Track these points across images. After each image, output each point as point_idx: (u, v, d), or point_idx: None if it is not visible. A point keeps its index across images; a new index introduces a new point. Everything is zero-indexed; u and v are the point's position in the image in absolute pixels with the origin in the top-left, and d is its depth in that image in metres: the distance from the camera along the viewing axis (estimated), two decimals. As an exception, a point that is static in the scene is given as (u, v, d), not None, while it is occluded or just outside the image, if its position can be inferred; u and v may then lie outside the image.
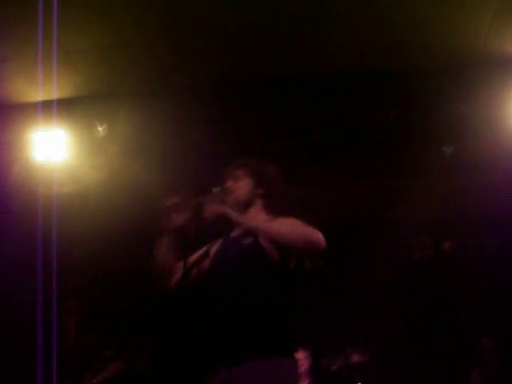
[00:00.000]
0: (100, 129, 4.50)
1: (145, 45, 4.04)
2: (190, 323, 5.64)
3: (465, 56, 4.13)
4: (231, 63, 4.19)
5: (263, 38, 3.98)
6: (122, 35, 3.94)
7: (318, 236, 2.32)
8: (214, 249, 2.68)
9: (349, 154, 4.70)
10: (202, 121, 4.53)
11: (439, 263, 6.44)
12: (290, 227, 2.35)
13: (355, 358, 5.10)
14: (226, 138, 4.47)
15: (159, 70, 4.28)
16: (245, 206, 2.60)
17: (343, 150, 4.62)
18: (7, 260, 5.47)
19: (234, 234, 2.60)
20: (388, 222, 6.39)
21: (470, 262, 6.30)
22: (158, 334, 6.55)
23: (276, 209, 2.56)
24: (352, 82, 4.31)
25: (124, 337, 6.04)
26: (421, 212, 6.12)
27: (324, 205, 6.01)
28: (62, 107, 4.49)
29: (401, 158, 4.85)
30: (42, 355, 4.38)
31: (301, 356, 5.34)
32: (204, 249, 2.71)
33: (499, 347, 5.48)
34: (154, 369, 6.14)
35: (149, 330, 6.60)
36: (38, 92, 4.32)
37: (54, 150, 4.61)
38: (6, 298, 5.52)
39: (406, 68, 4.21)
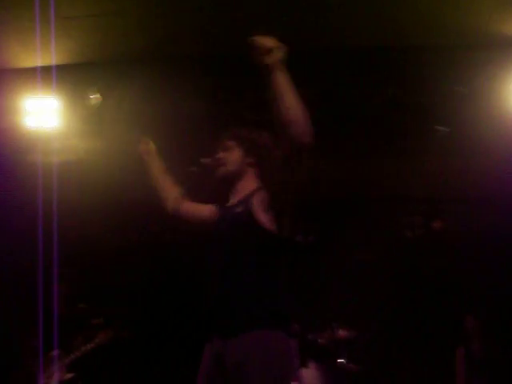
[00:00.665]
0: (94, 97, 4.47)
1: (140, 13, 4.00)
2: (183, 292, 5.72)
3: (466, 36, 4.09)
4: (228, 36, 4.15)
5: (259, 12, 3.93)
6: (117, 2, 3.90)
7: (309, 134, 2.20)
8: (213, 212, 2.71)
9: (343, 130, 4.70)
10: (196, 91, 4.51)
11: (429, 242, 6.48)
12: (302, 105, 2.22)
13: (341, 333, 5.15)
14: (220, 108, 4.46)
15: (154, 39, 4.23)
16: (236, 176, 2.60)
17: (338, 127, 4.62)
18: (7, 226, 5.50)
19: (229, 203, 2.61)
20: (380, 200, 6.42)
21: (458, 243, 6.34)
22: (149, 302, 6.61)
23: (268, 177, 2.52)
24: (348, 58, 4.28)
25: (114, 305, 6.08)
26: (413, 191, 6.16)
27: (315, 181, 6.02)
28: (57, 74, 4.45)
29: (396, 136, 4.86)
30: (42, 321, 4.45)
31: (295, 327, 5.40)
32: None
33: (483, 326, 5.55)
34: (144, 337, 6.21)
35: (140, 299, 6.66)
36: (35, 58, 4.28)
37: (48, 116, 4.59)
38: (9, 264, 5.58)
39: (405, 46, 4.18)
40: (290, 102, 2.19)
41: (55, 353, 4.54)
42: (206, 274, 2.46)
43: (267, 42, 2.22)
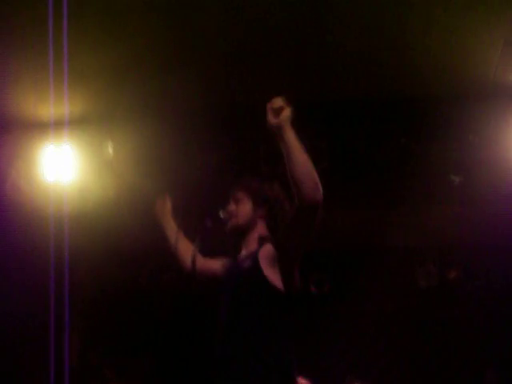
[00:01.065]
0: (109, 148, 4.52)
1: (155, 65, 4.07)
2: (188, 346, 5.64)
3: (475, 86, 4.14)
4: (241, 88, 4.22)
5: (273, 64, 4.01)
6: (132, 55, 3.97)
7: (319, 193, 2.21)
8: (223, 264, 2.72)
9: (356, 181, 4.69)
10: (210, 143, 4.55)
11: (444, 292, 6.39)
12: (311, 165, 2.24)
13: (357, 386, 5.04)
14: (233, 161, 4.49)
15: (168, 91, 4.30)
16: (246, 228, 2.59)
17: (350, 177, 4.62)
18: (19, 277, 5.50)
19: (241, 254, 2.60)
20: (394, 250, 6.37)
21: (475, 292, 6.25)
22: (158, 355, 6.53)
23: (278, 229, 2.53)
24: (361, 109, 4.33)
25: (124, 357, 6.02)
26: (427, 240, 6.11)
27: (329, 232, 6.00)
28: (71, 126, 4.52)
29: (408, 186, 4.84)
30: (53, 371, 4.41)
31: (303, 383, 5.29)
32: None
33: (503, 379, 5.41)
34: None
35: (148, 351, 6.58)
36: (49, 111, 4.34)
37: (63, 168, 4.64)
38: (20, 315, 5.56)
39: (416, 96, 4.23)
40: (298, 161, 2.21)
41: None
42: (214, 326, 2.45)
43: (276, 102, 2.27)
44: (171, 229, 2.94)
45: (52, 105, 4.29)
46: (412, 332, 6.79)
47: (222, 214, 2.59)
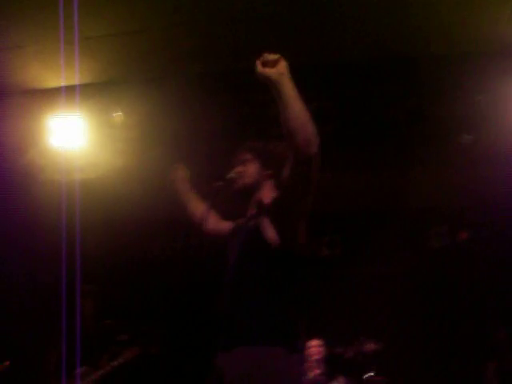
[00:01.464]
0: (117, 115, 4.52)
1: (162, 32, 4.03)
2: (197, 308, 5.72)
3: (483, 44, 4.06)
4: (246, 52, 4.17)
5: (279, 26, 3.95)
6: (140, 21, 3.94)
7: (314, 143, 2.23)
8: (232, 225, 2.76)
9: (366, 142, 4.67)
10: (218, 107, 4.53)
11: (456, 253, 6.40)
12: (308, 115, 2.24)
13: (369, 346, 5.10)
14: (241, 124, 4.48)
15: (175, 57, 4.27)
16: (253, 188, 2.61)
17: (360, 139, 4.60)
18: (31, 244, 5.58)
19: (248, 214, 2.61)
20: (405, 211, 6.37)
21: (486, 253, 6.26)
22: (171, 319, 6.63)
23: (285, 188, 2.50)
24: (369, 69, 4.27)
25: (139, 321, 6.11)
26: (439, 202, 6.10)
27: (339, 193, 6.01)
28: (80, 93, 4.52)
29: (418, 147, 4.82)
30: (66, 337, 4.48)
31: (315, 344, 5.37)
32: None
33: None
34: (167, 352, 6.22)
35: (162, 316, 6.68)
36: (59, 78, 4.34)
37: (72, 136, 4.65)
38: (33, 282, 5.65)
39: (425, 55, 4.15)
40: (296, 111, 2.20)
41: (80, 370, 4.56)
42: (220, 288, 2.47)
43: (270, 56, 2.27)
44: (184, 193, 3.00)
45: (62, 72, 4.30)
46: (423, 293, 6.84)
47: (230, 176, 2.61)
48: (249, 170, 2.62)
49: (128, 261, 6.55)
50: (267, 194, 2.57)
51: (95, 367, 4.59)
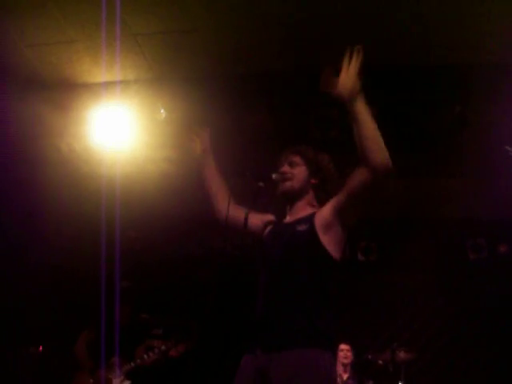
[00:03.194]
0: (161, 112, 4.56)
1: (210, 32, 4.07)
2: (236, 303, 5.74)
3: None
4: (291, 55, 4.19)
5: (319, 30, 3.94)
6: (189, 21, 3.98)
7: (388, 161, 2.26)
8: (267, 230, 2.70)
9: (409, 149, 4.61)
10: (260, 108, 4.54)
11: (493, 266, 6.29)
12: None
13: (401, 354, 5.05)
14: (282, 126, 4.48)
15: (223, 56, 4.30)
16: (298, 193, 2.61)
17: (404, 145, 4.53)
18: (72, 236, 5.68)
19: (287, 220, 2.61)
20: (445, 221, 6.29)
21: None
22: (206, 315, 6.65)
23: (326, 200, 2.55)
24: (417, 75, 4.23)
25: (174, 317, 6.15)
26: (479, 213, 6.00)
27: (377, 199, 5.97)
28: (125, 89, 4.58)
29: (462, 156, 4.74)
30: (105, 330, 4.56)
31: (344, 348, 5.34)
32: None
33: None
34: (201, 348, 6.24)
35: (197, 312, 6.71)
36: (108, 73, 4.41)
37: (115, 131, 4.71)
38: (72, 275, 5.75)
39: (474, 63, 4.09)
40: (368, 132, 2.25)
41: (115, 360, 4.62)
42: (258, 287, 2.47)
43: (353, 68, 2.29)
44: (209, 166, 2.86)
45: (105, 68, 4.36)
46: (458, 304, 6.74)
47: (274, 176, 2.59)
48: (298, 173, 2.61)
49: (165, 256, 6.60)
50: (310, 202, 2.61)
51: (131, 358, 4.66)
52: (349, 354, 5.31)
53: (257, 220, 2.71)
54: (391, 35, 3.97)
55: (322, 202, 2.57)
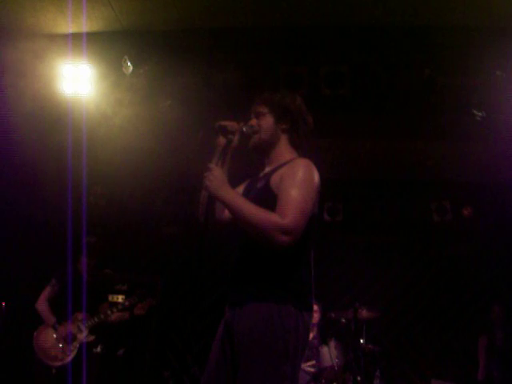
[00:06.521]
0: (128, 65, 4.46)
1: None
2: (201, 263, 5.75)
3: (507, 19, 3.97)
4: (263, 11, 4.11)
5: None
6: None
7: (277, 238, 2.15)
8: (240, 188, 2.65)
9: (376, 110, 4.61)
10: (228, 63, 4.47)
11: (457, 228, 6.40)
12: (257, 217, 2.17)
13: (364, 313, 5.13)
14: (251, 81, 4.41)
15: (191, 11, 4.19)
16: (271, 143, 2.53)
17: (372, 106, 4.53)
18: (38, 193, 5.59)
19: (265, 171, 2.54)
20: (410, 183, 6.35)
21: (488, 230, 6.26)
22: (171, 272, 6.68)
23: (301, 143, 2.50)
24: (387, 36, 4.19)
25: (139, 273, 6.16)
26: (445, 175, 6.07)
27: (344, 160, 5.99)
28: (92, 41, 4.45)
29: (430, 118, 4.76)
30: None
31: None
32: None
33: (508, 315, 5.49)
34: (166, 304, 6.28)
35: (162, 269, 6.73)
36: (75, 24, 4.28)
37: (81, 83, 4.60)
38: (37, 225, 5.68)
39: (445, 26, 4.06)
40: (241, 217, 2.21)
41: (79, 315, 4.61)
42: (231, 246, 2.46)
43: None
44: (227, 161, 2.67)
45: (71, 19, 4.23)
46: (421, 265, 6.87)
47: (244, 129, 2.50)
48: (264, 123, 2.52)
49: (131, 213, 6.55)
50: (284, 150, 2.52)
51: (94, 314, 4.66)
52: (316, 314, 5.37)
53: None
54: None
55: (296, 145, 2.52)
